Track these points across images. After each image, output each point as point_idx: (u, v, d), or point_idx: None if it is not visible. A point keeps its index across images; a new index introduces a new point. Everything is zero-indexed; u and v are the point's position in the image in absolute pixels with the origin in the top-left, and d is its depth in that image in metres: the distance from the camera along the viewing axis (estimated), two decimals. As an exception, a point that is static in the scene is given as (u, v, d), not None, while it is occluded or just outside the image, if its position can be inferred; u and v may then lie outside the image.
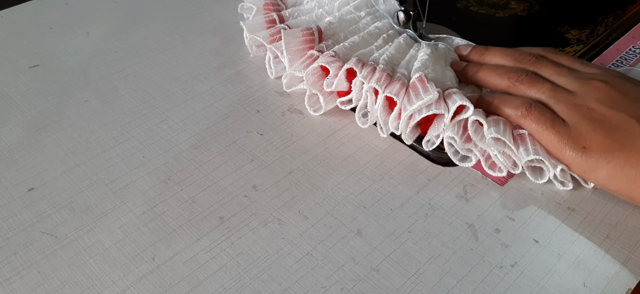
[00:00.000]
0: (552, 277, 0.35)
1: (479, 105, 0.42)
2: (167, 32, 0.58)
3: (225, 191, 0.40)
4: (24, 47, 0.56)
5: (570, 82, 0.41)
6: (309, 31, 0.48)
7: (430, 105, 0.41)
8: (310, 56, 0.46)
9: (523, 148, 0.39)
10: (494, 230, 0.37)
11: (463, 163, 0.41)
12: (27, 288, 0.34)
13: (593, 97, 0.39)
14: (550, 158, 0.39)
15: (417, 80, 0.42)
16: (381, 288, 0.34)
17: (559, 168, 0.39)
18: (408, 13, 0.50)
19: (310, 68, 0.45)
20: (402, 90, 0.42)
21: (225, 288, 0.34)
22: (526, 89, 0.42)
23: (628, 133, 0.37)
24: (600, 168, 0.37)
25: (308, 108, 0.47)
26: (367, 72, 0.43)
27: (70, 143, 0.44)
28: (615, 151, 0.37)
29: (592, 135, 0.38)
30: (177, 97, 0.49)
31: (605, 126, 0.37)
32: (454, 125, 0.41)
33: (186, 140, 0.44)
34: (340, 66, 0.44)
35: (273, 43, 0.50)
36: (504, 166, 0.40)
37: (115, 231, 0.37)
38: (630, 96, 0.39)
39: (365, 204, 0.39)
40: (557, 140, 0.38)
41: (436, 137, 0.42)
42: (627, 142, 0.36)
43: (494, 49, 0.47)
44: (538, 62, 0.44)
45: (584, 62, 0.44)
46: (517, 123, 0.40)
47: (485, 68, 0.45)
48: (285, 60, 0.47)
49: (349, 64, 0.44)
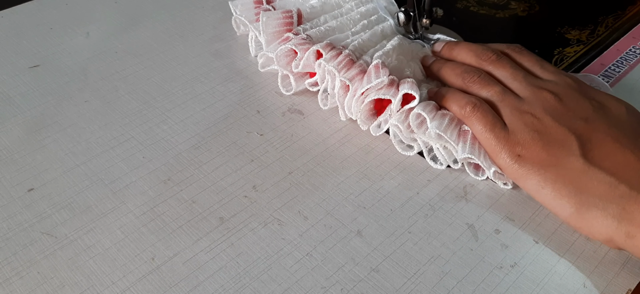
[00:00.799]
0: (552, 278, 0.35)
1: (433, 98, 0.43)
2: (167, 32, 0.58)
3: (225, 191, 0.40)
4: (24, 47, 0.56)
5: (522, 88, 0.41)
6: (288, 13, 0.49)
7: (380, 89, 0.42)
8: (285, 38, 0.47)
9: (461, 145, 0.40)
10: (494, 231, 0.37)
11: (406, 152, 0.43)
12: (27, 288, 0.34)
13: (540, 106, 0.39)
14: (486, 158, 0.39)
15: (373, 67, 0.43)
16: (381, 288, 0.34)
17: (492, 170, 0.39)
18: (408, 13, 0.50)
19: (280, 50, 0.47)
20: (358, 76, 0.43)
21: (225, 289, 0.34)
22: (478, 90, 0.42)
23: (565, 149, 0.36)
24: (530, 178, 0.37)
25: (281, 89, 0.48)
26: (332, 55, 0.44)
27: (70, 144, 0.44)
28: (549, 166, 0.36)
29: (529, 145, 0.38)
30: (177, 97, 0.49)
31: (544, 138, 0.37)
32: (401, 114, 0.41)
33: (186, 141, 0.44)
34: (308, 48, 0.45)
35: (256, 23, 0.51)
36: (444, 161, 0.41)
37: (115, 232, 0.37)
38: (576, 111, 0.38)
39: (365, 204, 0.39)
40: (495, 143, 0.39)
41: (384, 122, 0.43)
42: (561, 158, 0.36)
43: (462, 45, 0.47)
44: (497, 61, 0.44)
45: (544, 66, 0.43)
46: (463, 121, 0.41)
47: (446, 65, 0.46)
48: (263, 41, 0.49)
49: (317, 46, 0.45)
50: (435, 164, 0.42)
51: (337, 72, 0.43)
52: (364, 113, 0.44)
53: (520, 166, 0.38)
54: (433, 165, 0.42)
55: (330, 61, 0.44)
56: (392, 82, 0.42)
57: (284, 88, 0.48)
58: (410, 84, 0.41)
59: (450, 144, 0.40)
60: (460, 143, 0.40)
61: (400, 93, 0.41)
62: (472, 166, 0.41)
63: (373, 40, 0.48)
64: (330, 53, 0.44)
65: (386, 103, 0.43)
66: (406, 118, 0.41)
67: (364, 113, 0.43)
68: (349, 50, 0.45)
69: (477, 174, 0.41)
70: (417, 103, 0.41)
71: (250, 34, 0.53)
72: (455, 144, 0.40)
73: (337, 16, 0.51)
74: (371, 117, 0.44)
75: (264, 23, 0.48)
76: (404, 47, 0.48)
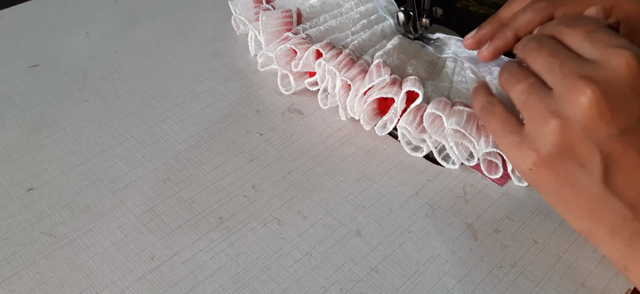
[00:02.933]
0: (552, 278, 0.34)
1: None
2: (167, 32, 0.58)
3: (224, 191, 0.40)
4: (23, 47, 0.56)
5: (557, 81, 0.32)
6: (288, 13, 0.49)
7: (382, 87, 0.42)
8: (285, 38, 0.47)
9: (484, 139, 0.39)
10: (494, 230, 0.37)
11: (415, 153, 0.42)
12: (26, 288, 0.34)
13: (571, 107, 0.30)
14: None
15: (374, 66, 0.43)
16: (380, 288, 0.34)
17: None
18: (408, 13, 0.50)
19: (279, 49, 0.47)
20: (359, 75, 0.43)
21: (225, 288, 0.34)
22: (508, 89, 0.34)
23: (585, 171, 0.30)
24: (543, 192, 0.33)
25: (281, 88, 0.48)
26: (332, 54, 0.44)
27: (69, 143, 0.44)
28: (563, 186, 0.31)
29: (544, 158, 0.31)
30: (177, 96, 0.49)
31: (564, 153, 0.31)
32: (409, 115, 0.41)
33: (186, 140, 0.44)
34: (308, 48, 0.45)
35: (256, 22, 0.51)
36: (457, 159, 0.41)
37: (115, 231, 0.37)
38: (615, 116, 0.30)
39: (364, 204, 0.39)
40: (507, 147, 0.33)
41: (390, 121, 0.43)
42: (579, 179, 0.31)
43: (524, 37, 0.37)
44: (536, 51, 0.34)
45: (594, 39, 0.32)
46: None
47: None
48: (262, 40, 0.49)
49: (317, 46, 0.45)
50: (447, 164, 0.41)
51: (338, 72, 0.43)
52: (367, 113, 0.43)
53: (533, 180, 0.33)
54: (445, 165, 0.41)
55: (330, 61, 0.44)
56: (394, 81, 0.42)
57: (284, 88, 0.48)
58: (413, 81, 0.41)
59: (470, 139, 0.39)
60: (482, 138, 0.39)
61: (404, 91, 0.41)
62: (487, 164, 0.41)
63: (373, 40, 0.48)
64: (330, 52, 0.44)
65: (390, 103, 0.43)
66: (415, 118, 0.41)
67: (367, 113, 0.43)
68: (349, 50, 0.45)
69: (491, 172, 0.40)
70: (420, 100, 0.41)
71: (249, 33, 0.53)
72: (476, 140, 0.39)
73: (337, 16, 0.51)
74: (375, 116, 0.44)
75: (263, 22, 0.48)
76: (404, 46, 0.48)
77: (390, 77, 0.42)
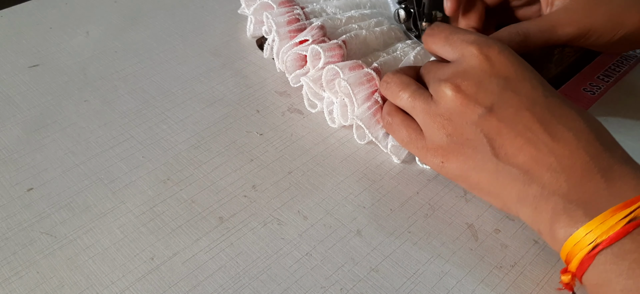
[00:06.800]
0: (552, 278, 0.34)
1: None
2: (167, 32, 0.58)
3: (224, 191, 0.40)
4: (23, 47, 0.56)
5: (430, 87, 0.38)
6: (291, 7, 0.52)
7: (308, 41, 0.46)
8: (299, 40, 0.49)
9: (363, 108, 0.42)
10: (494, 230, 0.37)
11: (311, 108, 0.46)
12: (26, 288, 0.34)
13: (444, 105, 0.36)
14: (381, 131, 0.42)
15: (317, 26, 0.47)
16: (381, 288, 0.34)
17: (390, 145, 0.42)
18: (408, 11, 0.50)
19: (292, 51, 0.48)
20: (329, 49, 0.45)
21: (225, 288, 0.34)
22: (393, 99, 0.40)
23: (478, 150, 0.35)
24: (459, 181, 0.37)
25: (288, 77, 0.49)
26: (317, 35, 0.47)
27: (69, 143, 0.44)
28: (470, 170, 0.35)
29: (446, 150, 0.36)
30: (177, 96, 0.49)
31: (457, 140, 0.36)
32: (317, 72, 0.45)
33: (186, 140, 0.44)
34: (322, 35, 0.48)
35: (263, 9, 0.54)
36: (337, 120, 0.44)
37: (115, 231, 0.37)
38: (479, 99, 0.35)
39: (364, 204, 0.39)
40: (418, 154, 0.39)
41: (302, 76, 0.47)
42: (477, 160, 0.35)
43: None
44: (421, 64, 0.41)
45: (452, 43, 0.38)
46: None
47: None
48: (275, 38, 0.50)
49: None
50: (332, 124, 0.45)
51: None
52: (290, 61, 0.48)
53: (447, 172, 0.37)
54: (329, 124, 0.45)
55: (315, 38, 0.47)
56: (318, 41, 0.46)
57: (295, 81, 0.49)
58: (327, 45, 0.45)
59: (353, 100, 0.42)
60: (364, 105, 0.42)
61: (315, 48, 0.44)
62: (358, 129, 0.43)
63: (373, 38, 0.48)
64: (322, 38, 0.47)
65: None
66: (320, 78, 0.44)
67: (290, 62, 0.48)
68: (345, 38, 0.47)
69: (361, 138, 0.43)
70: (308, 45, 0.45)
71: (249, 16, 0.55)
72: (358, 103, 0.42)
73: None
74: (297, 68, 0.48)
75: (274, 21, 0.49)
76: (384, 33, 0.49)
77: (318, 36, 0.46)
